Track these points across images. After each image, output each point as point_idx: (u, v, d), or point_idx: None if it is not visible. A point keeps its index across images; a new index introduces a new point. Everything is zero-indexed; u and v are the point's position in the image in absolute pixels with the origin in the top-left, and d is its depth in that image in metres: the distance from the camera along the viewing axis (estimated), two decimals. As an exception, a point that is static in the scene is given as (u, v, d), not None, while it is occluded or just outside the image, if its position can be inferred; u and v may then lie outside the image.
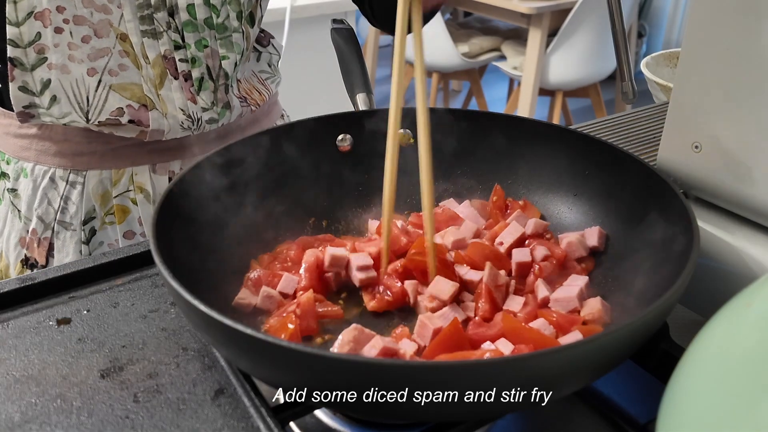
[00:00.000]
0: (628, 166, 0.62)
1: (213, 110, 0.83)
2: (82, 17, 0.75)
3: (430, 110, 0.72)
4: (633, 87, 0.72)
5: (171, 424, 0.49)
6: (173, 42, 0.78)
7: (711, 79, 0.56)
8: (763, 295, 0.35)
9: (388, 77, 4.42)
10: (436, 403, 0.42)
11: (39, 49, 0.75)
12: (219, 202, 0.63)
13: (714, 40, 0.55)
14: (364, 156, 0.73)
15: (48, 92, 0.76)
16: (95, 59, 0.76)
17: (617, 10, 0.70)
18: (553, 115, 3.15)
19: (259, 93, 0.92)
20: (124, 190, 0.85)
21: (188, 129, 0.82)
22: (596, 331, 0.55)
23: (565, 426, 0.53)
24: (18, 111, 0.77)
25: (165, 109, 0.80)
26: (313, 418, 0.54)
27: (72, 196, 0.84)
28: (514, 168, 0.72)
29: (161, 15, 0.77)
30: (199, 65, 0.80)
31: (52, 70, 0.76)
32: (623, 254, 0.62)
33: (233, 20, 0.81)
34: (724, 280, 0.57)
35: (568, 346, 0.40)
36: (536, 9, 2.80)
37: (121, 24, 0.76)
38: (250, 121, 0.92)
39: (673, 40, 4.20)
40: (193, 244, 0.58)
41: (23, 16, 0.73)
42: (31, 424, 0.49)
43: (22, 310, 0.61)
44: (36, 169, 0.83)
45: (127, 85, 0.78)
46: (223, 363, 0.54)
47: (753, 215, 0.57)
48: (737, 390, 0.31)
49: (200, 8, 0.78)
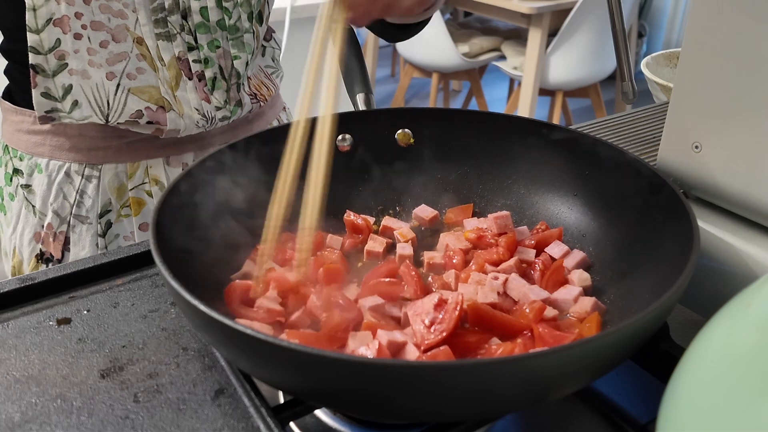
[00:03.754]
0: (628, 166, 0.62)
1: (226, 108, 0.85)
2: (100, 23, 0.76)
3: (431, 110, 0.72)
4: (633, 87, 0.72)
5: (171, 424, 0.49)
6: (187, 44, 0.80)
7: (711, 79, 0.56)
8: (763, 295, 0.35)
9: (388, 77, 4.42)
10: (436, 403, 0.42)
11: (59, 55, 0.76)
12: (219, 202, 0.63)
13: (714, 40, 0.55)
14: (364, 156, 0.73)
15: (70, 97, 0.78)
16: (114, 63, 0.78)
17: (617, 10, 0.70)
18: (553, 115, 3.15)
19: (267, 88, 0.94)
20: (139, 183, 0.86)
21: (202, 127, 0.84)
22: (592, 332, 0.54)
23: (565, 426, 0.53)
24: (40, 115, 0.78)
25: (181, 110, 0.82)
26: (313, 418, 0.54)
27: (88, 190, 0.85)
28: (514, 168, 0.72)
29: (175, 18, 0.78)
30: (212, 66, 0.82)
31: (73, 75, 0.77)
32: (623, 254, 0.62)
33: (245, 21, 0.83)
34: (724, 280, 0.57)
35: (568, 346, 0.40)
36: (536, 9, 2.80)
37: (136, 28, 0.78)
38: (257, 113, 0.94)
39: (673, 40, 4.20)
40: (193, 244, 0.58)
41: (42, 23, 0.74)
42: (31, 424, 0.49)
43: (22, 310, 0.61)
44: (51, 165, 0.84)
45: (145, 88, 0.80)
46: (223, 363, 0.54)
47: (753, 215, 0.57)
48: (737, 390, 0.31)
49: (213, 11, 0.79)
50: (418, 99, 4.01)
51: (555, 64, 3.00)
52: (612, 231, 0.64)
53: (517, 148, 0.71)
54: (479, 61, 3.28)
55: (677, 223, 0.54)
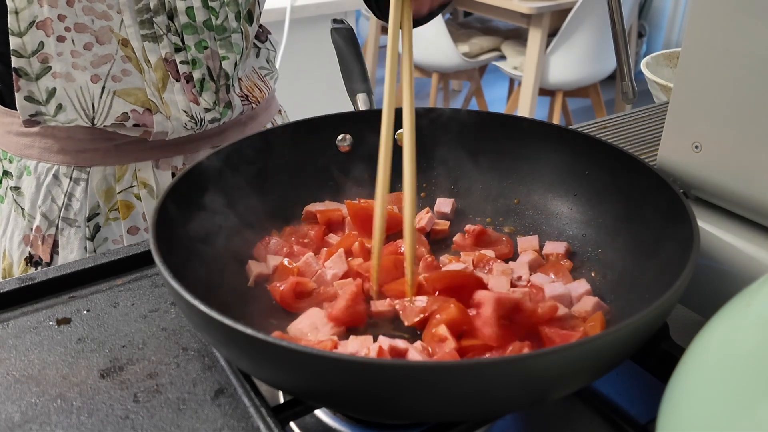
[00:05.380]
0: (628, 166, 0.62)
1: (215, 110, 0.84)
2: (84, 25, 0.75)
3: (430, 110, 0.72)
4: (633, 87, 0.72)
5: (171, 424, 0.49)
6: (173, 45, 0.79)
7: (711, 79, 0.56)
8: (763, 295, 0.35)
9: (388, 77, 4.41)
10: (436, 403, 0.42)
11: (43, 58, 0.75)
12: (219, 202, 0.63)
13: (714, 40, 0.55)
14: (364, 156, 0.73)
15: (54, 101, 0.77)
16: (98, 66, 0.77)
17: (617, 10, 0.70)
18: (553, 115, 3.15)
19: (260, 90, 0.93)
20: (127, 186, 0.85)
21: (191, 129, 0.83)
22: (595, 331, 0.55)
23: (565, 426, 0.53)
24: (24, 119, 0.77)
25: (168, 112, 0.81)
26: (313, 418, 0.54)
27: (76, 193, 0.84)
28: (514, 168, 0.72)
29: (161, 19, 0.77)
30: (200, 67, 0.81)
31: (57, 78, 0.76)
32: (623, 254, 0.62)
33: (232, 21, 0.81)
34: (724, 280, 0.57)
35: (568, 346, 0.40)
36: (536, 9, 2.80)
37: (121, 30, 0.77)
38: (250, 116, 0.93)
39: (673, 40, 4.20)
40: (193, 243, 0.58)
41: (25, 26, 0.73)
42: (31, 424, 0.49)
43: (22, 310, 0.61)
44: (39, 167, 0.83)
45: (131, 90, 0.79)
46: (223, 363, 0.54)
47: (753, 215, 0.57)
48: (737, 390, 0.31)
49: (199, 11, 0.78)
50: (418, 99, 4.01)
51: (555, 64, 3.00)
52: (612, 231, 0.64)
53: (518, 148, 0.71)
54: (479, 61, 3.28)
55: (677, 222, 0.54)
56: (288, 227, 0.69)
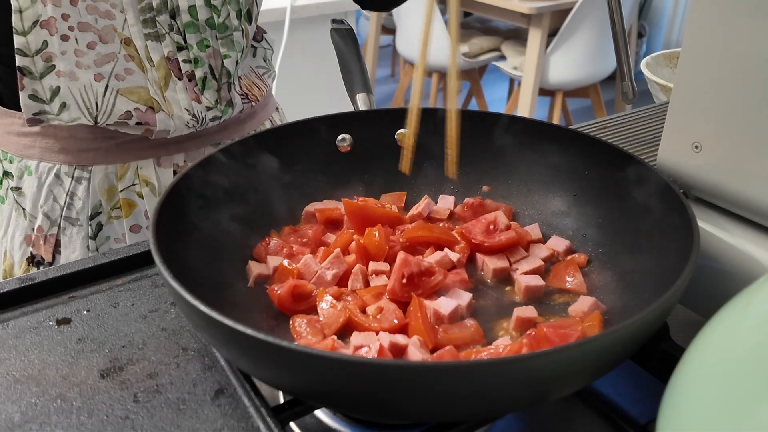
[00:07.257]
0: (628, 166, 0.62)
1: (217, 108, 0.85)
2: (87, 24, 0.75)
3: (431, 110, 0.72)
4: (633, 87, 0.72)
5: (171, 424, 0.49)
6: (176, 44, 0.80)
7: (711, 79, 0.56)
8: (763, 295, 0.35)
9: (388, 77, 4.42)
10: (436, 403, 0.42)
11: (46, 57, 0.75)
12: (219, 202, 0.63)
13: (714, 40, 0.55)
14: (364, 156, 0.73)
15: (57, 99, 0.77)
16: (102, 65, 0.77)
17: (617, 10, 0.70)
18: (553, 115, 3.15)
19: (258, 88, 0.94)
20: (129, 184, 0.86)
21: (192, 127, 0.84)
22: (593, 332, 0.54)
23: (565, 426, 0.53)
24: (28, 118, 0.78)
25: (171, 111, 0.81)
26: (313, 418, 0.54)
27: (78, 192, 0.84)
28: (514, 168, 0.72)
29: (163, 18, 0.78)
30: (202, 65, 0.81)
31: (61, 77, 0.76)
32: (623, 254, 0.62)
33: (233, 19, 0.82)
34: (724, 280, 0.57)
35: (568, 346, 0.40)
36: (536, 9, 2.80)
37: (124, 29, 0.77)
38: (249, 114, 0.94)
39: (673, 40, 4.20)
40: (193, 243, 0.58)
41: (29, 25, 0.74)
42: (31, 424, 0.49)
43: (22, 310, 0.61)
44: (40, 167, 0.84)
45: (134, 89, 0.80)
46: (223, 363, 0.54)
47: (753, 215, 0.57)
48: (737, 390, 0.31)
49: (201, 9, 0.79)
50: (418, 99, 4.00)
51: (555, 64, 3.00)
52: (612, 231, 0.64)
53: (517, 148, 0.71)
54: (479, 61, 3.28)
55: (677, 223, 0.54)
56: (287, 227, 0.69)
